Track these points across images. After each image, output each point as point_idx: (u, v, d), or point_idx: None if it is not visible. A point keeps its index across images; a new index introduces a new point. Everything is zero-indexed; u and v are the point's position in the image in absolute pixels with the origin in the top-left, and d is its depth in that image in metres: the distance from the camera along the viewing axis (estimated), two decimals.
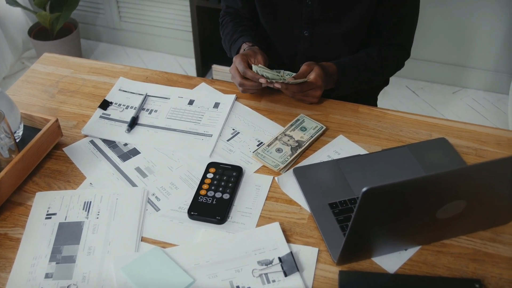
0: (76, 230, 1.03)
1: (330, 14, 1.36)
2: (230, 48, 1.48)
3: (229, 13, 1.55)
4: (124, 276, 0.94)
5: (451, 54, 2.75)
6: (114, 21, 3.12)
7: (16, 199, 1.11)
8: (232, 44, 1.46)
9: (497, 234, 1.03)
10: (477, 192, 0.89)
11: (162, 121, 1.30)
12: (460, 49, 2.71)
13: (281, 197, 1.11)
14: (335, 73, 1.34)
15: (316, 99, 1.31)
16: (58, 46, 2.84)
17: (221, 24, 1.56)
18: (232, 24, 1.50)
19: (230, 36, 1.47)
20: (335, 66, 1.34)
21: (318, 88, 1.28)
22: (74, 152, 1.21)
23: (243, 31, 1.45)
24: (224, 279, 0.94)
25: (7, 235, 1.04)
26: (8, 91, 1.39)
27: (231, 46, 1.46)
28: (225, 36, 1.51)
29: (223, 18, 1.56)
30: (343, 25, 1.37)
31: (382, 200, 0.81)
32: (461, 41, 2.68)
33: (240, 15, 1.53)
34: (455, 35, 2.67)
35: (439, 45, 2.73)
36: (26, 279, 0.95)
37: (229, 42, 1.47)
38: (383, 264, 0.98)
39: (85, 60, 1.51)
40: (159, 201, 1.10)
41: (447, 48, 2.73)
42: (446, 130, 1.26)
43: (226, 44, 1.51)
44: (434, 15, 2.61)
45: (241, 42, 1.42)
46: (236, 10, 1.53)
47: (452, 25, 2.63)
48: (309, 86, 1.27)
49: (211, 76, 2.91)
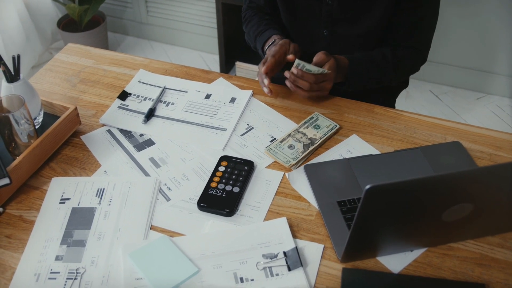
0: (88, 215, 1.06)
1: (349, 14, 1.36)
2: (255, 39, 1.48)
3: (252, 7, 1.56)
4: (131, 261, 0.96)
5: (476, 59, 2.71)
6: (142, 15, 3.17)
7: (33, 183, 1.14)
8: (257, 36, 1.46)
9: (505, 240, 1.02)
10: (484, 196, 0.89)
11: (178, 113, 1.32)
12: (485, 54, 2.67)
13: (291, 193, 1.12)
14: (346, 67, 1.33)
15: (327, 92, 1.31)
16: (86, 38, 2.90)
17: (244, 18, 1.57)
18: (257, 17, 1.51)
19: (255, 28, 1.48)
20: (347, 60, 1.34)
21: (331, 81, 1.28)
22: (91, 140, 1.24)
23: (268, 24, 1.46)
24: (228, 270, 0.96)
25: (22, 217, 1.07)
26: (31, 79, 1.43)
27: (256, 37, 1.47)
28: (249, 29, 1.52)
29: (245, 12, 1.58)
30: (361, 25, 1.37)
31: (386, 199, 0.82)
32: (487, 46, 2.64)
33: (262, 10, 1.54)
34: (480, 40, 2.63)
35: (464, 49, 2.69)
36: (37, 260, 0.98)
37: (254, 33, 1.48)
38: (387, 264, 0.98)
39: (107, 51, 1.55)
40: (171, 191, 1.12)
41: (472, 53, 2.69)
42: (461, 134, 1.25)
43: (250, 37, 1.52)
44: (460, 19, 2.58)
45: (269, 34, 1.42)
46: (258, 5, 1.54)
47: (478, 29, 2.60)
48: (324, 77, 1.27)
49: (234, 73, 2.93)
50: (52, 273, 0.96)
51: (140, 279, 0.94)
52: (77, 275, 0.95)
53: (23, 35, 2.79)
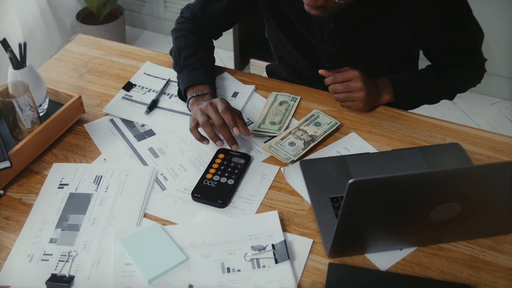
0: (84, 201, 1.08)
1: (352, 59, 1.35)
2: (182, 66, 1.31)
3: (191, 20, 1.38)
4: (122, 247, 0.98)
5: (493, 64, 2.67)
6: (159, 10, 3.20)
7: (34, 167, 1.17)
8: (187, 67, 1.29)
9: (498, 243, 1.01)
10: (474, 196, 0.88)
11: (180, 105, 1.33)
12: (502, 59, 2.64)
13: (285, 187, 1.12)
14: (385, 82, 1.30)
15: (360, 94, 1.23)
16: (104, 31, 2.94)
17: (179, 27, 1.38)
18: (195, 38, 1.35)
19: (188, 53, 1.32)
20: (384, 78, 1.31)
21: (358, 79, 1.22)
22: (93, 128, 1.27)
23: (204, 60, 1.33)
24: (216, 260, 0.97)
25: (21, 200, 1.10)
26: (41, 68, 1.46)
27: (184, 68, 1.30)
28: (181, 46, 1.34)
29: (183, 21, 1.39)
30: (370, 66, 1.34)
31: (370, 194, 0.82)
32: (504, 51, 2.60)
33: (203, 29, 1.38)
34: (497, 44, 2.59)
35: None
36: (32, 242, 1.01)
37: (184, 60, 1.31)
38: (375, 261, 0.98)
39: (116, 43, 1.57)
40: (167, 181, 1.14)
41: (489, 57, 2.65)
42: (461, 136, 1.24)
43: (177, 56, 1.33)
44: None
45: (200, 80, 1.27)
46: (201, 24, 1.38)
47: (494, 34, 2.56)
48: (346, 75, 1.23)
49: (248, 70, 2.94)
50: (45, 255, 0.98)
51: (129, 264, 0.96)
52: (68, 257, 0.98)
53: (43, 27, 2.85)
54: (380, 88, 1.29)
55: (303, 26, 1.34)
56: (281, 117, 1.28)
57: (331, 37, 1.31)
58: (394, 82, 1.30)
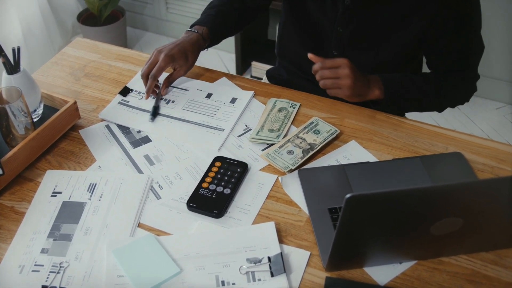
0: (78, 210, 1.06)
1: (362, 44, 1.33)
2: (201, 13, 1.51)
3: None
4: (114, 258, 0.96)
5: (496, 68, 2.64)
6: (161, 11, 3.18)
7: (28, 175, 1.15)
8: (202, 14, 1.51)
9: (500, 257, 0.99)
10: (475, 210, 0.86)
11: (177, 111, 1.31)
12: (506, 64, 2.61)
13: (282, 197, 1.10)
14: (377, 78, 1.27)
15: (347, 80, 1.18)
16: (105, 33, 2.92)
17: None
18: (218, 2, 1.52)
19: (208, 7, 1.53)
20: (376, 75, 1.28)
21: (346, 66, 1.18)
22: (89, 134, 1.25)
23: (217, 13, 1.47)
24: (211, 273, 0.94)
25: (13, 208, 1.08)
26: (37, 72, 1.44)
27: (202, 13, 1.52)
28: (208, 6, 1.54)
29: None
30: (377, 55, 1.32)
31: (368, 209, 0.79)
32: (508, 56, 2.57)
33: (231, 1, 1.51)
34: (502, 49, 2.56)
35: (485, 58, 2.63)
36: (23, 252, 0.99)
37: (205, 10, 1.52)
38: (374, 275, 0.95)
39: (114, 46, 1.55)
40: (162, 190, 1.11)
41: (494, 62, 2.63)
42: (464, 145, 1.21)
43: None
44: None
45: (204, 22, 1.44)
46: None
47: (499, 39, 2.53)
48: (335, 61, 1.20)
49: (250, 72, 2.92)
50: (36, 266, 0.96)
51: (122, 276, 0.94)
52: (60, 269, 0.96)
53: (44, 28, 2.83)
54: (371, 83, 1.26)
55: (316, 3, 1.34)
56: (280, 124, 1.26)
57: (346, 16, 1.30)
58: (385, 80, 1.28)
